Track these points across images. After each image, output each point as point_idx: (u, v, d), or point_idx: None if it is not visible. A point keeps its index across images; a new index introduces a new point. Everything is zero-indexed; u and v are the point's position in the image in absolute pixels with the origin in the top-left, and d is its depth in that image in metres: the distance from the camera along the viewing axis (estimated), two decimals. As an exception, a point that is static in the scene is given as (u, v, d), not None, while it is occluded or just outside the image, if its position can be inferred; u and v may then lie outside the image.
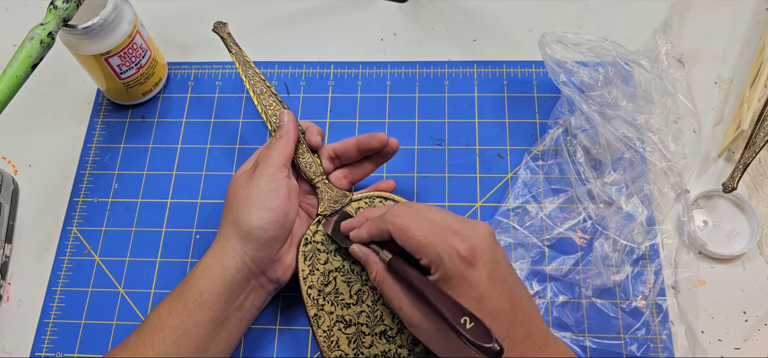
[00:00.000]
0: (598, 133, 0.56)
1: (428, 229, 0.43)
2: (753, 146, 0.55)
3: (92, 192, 0.61)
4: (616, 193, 0.55)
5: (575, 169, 0.57)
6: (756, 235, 0.54)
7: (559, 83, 0.57)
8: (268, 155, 0.50)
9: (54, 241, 0.59)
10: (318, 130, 0.54)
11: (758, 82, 0.58)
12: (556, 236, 0.55)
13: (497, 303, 0.41)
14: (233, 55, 0.57)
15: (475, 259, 0.41)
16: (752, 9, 0.67)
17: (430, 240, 0.42)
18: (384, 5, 0.70)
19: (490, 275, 0.41)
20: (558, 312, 0.53)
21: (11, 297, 0.57)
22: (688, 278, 0.54)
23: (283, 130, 0.52)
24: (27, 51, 0.50)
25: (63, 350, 0.54)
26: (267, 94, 0.55)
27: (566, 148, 0.58)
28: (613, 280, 0.53)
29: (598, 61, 0.59)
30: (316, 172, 0.53)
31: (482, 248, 0.42)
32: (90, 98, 0.66)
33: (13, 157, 0.64)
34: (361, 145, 0.52)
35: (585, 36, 0.58)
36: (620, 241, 0.54)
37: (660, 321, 0.52)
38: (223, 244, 0.48)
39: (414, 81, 0.65)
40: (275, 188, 0.48)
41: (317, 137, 0.53)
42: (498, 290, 0.41)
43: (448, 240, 0.42)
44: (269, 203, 0.48)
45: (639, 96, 0.58)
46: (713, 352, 0.51)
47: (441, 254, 0.41)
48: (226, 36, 0.57)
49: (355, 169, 0.54)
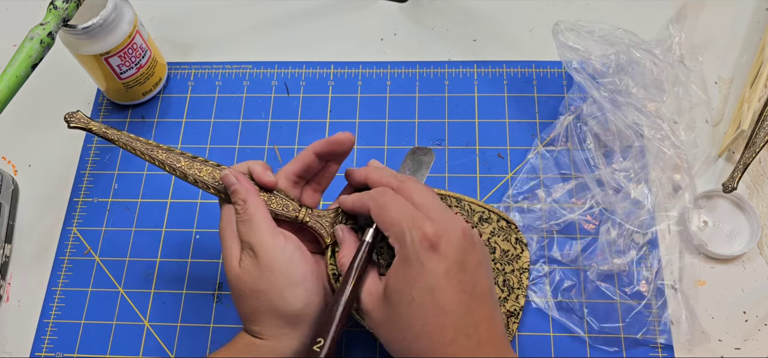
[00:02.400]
0: (609, 121, 0.56)
1: (404, 210, 0.41)
2: (753, 146, 0.55)
3: (92, 192, 0.61)
4: (625, 180, 0.56)
5: (585, 156, 0.57)
6: (756, 235, 0.54)
7: (571, 70, 0.58)
8: (251, 228, 0.44)
9: (54, 241, 0.59)
10: (263, 165, 0.47)
11: (758, 82, 0.58)
12: (564, 221, 0.56)
13: (448, 303, 0.38)
14: (123, 143, 0.48)
15: (438, 246, 0.39)
16: (752, 9, 0.67)
17: (400, 219, 0.41)
18: (384, 5, 0.70)
19: (448, 270, 0.39)
20: (564, 296, 0.53)
21: (11, 297, 0.57)
22: (688, 278, 0.54)
23: (241, 191, 0.45)
24: (27, 51, 0.50)
25: (63, 350, 0.54)
26: (189, 162, 0.48)
27: (576, 135, 0.58)
28: (618, 265, 0.53)
29: (610, 48, 0.59)
30: (295, 209, 0.47)
31: (450, 239, 0.39)
32: (90, 98, 0.66)
33: (13, 157, 0.64)
34: (322, 153, 0.47)
35: (597, 24, 0.58)
36: (627, 227, 0.54)
37: (659, 306, 0.52)
38: (273, 341, 0.44)
39: (414, 81, 0.65)
40: (290, 256, 0.44)
41: (268, 174, 0.47)
42: (453, 289, 0.38)
43: (418, 221, 0.40)
44: (297, 275, 0.44)
45: (650, 84, 0.58)
46: (713, 352, 0.51)
47: (405, 231, 0.40)
48: (95, 127, 0.48)
49: (321, 178, 0.50)
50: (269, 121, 0.63)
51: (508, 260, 0.52)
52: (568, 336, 0.52)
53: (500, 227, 0.53)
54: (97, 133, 0.48)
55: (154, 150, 0.48)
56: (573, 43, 0.58)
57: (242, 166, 0.48)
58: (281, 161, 0.61)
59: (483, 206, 0.53)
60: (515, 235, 0.54)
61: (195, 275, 0.57)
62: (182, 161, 0.48)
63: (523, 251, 0.53)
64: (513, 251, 0.53)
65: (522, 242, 0.53)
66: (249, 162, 0.48)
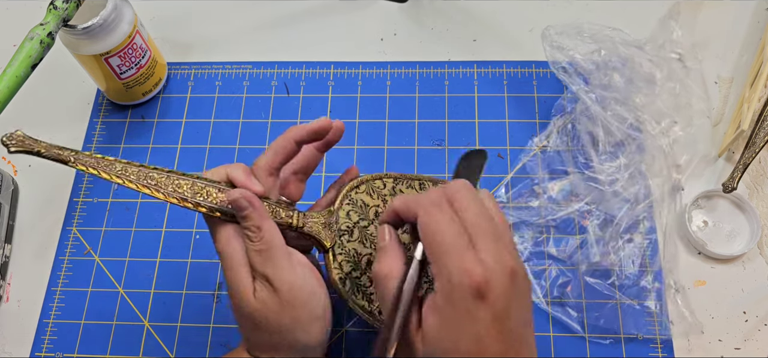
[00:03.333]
0: (600, 118, 0.56)
1: (454, 238, 0.36)
2: (753, 146, 0.55)
3: (92, 192, 0.61)
4: (620, 177, 0.56)
5: (578, 154, 0.58)
6: (756, 235, 0.54)
7: (559, 71, 0.58)
8: (269, 259, 0.40)
9: (54, 241, 0.59)
10: (245, 170, 0.43)
11: (758, 82, 0.58)
12: (559, 218, 0.56)
13: (493, 352, 0.36)
14: (113, 175, 0.42)
15: (487, 296, 0.35)
16: (752, 9, 0.67)
17: (449, 249, 0.36)
18: (384, 5, 0.70)
19: (495, 317, 0.35)
20: (559, 292, 0.53)
21: (11, 297, 0.57)
22: (688, 278, 0.54)
23: (255, 217, 0.41)
24: (27, 51, 0.50)
25: (63, 350, 0.54)
26: (189, 184, 0.42)
27: (571, 134, 0.59)
28: (612, 261, 0.53)
29: (597, 46, 0.59)
30: (288, 215, 0.43)
31: (498, 286, 0.36)
32: (90, 98, 0.66)
33: (13, 157, 0.64)
34: (304, 142, 0.44)
35: (587, 24, 0.59)
36: (622, 224, 0.54)
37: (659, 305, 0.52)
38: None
39: (414, 81, 0.65)
40: (311, 289, 0.41)
41: (253, 181, 0.43)
42: (497, 338, 0.36)
43: (467, 263, 0.35)
44: (319, 308, 0.42)
45: (638, 78, 0.58)
46: (713, 352, 0.51)
47: (453, 272, 0.35)
48: (44, 149, 0.42)
49: (306, 166, 0.46)
50: (269, 121, 0.63)
51: None
52: (568, 336, 0.52)
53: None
54: (47, 155, 0.41)
55: (126, 170, 0.42)
56: (560, 43, 0.58)
57: (219, 172, 0.43)
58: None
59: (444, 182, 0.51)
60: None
61: (195, 275, 0.57)
62: (165, 181, 0.42)
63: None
64: None
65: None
66: (227, 168, 0.43)
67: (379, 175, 0.48)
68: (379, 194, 0.48)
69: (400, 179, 0.49)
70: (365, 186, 0.48)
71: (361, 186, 0.47)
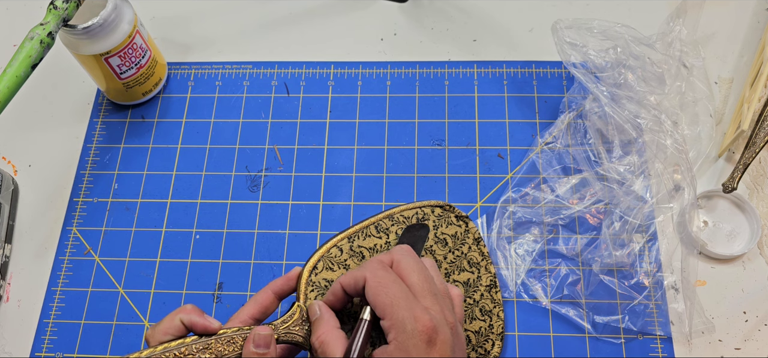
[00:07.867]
0: (610, 115, 0.56)
1: (402, 293, 0.40)
2: (753, 146, 0.55)
3: (92, 192, 0.61)
4: (628, 174, 0.56)
5: (587, 151, 0.58)
6: (756, 235, 0.54)
7: (570, 66, 0.58)
8: None
9: (54, 241, 0.59)
10: (198, 312, 0.42)
11: (758, 82, 0.58)
12: (569, 215, 0.56)
13: None
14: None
15: (435, 343, 0.39)
16: (752, 9, 0.67)
17: (399, 303, 0.40)
18: (384, 5, 0.70)
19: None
20: (569, 290, 0.54)
21: (11, 297, 0.57)
22: (688, 278, 0.54)
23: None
24: (27, 51, 0.50)
25: (63, 350, 0.54)
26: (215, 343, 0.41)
27: (578, 131, 0.59)
28: (620, 258, 0.53)
29: (610, 43, 0.59)
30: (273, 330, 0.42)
31: (444, 335, 0.39)
32: (90, 98, 0.66)
33: (13, 157, 0.64)
34: (282, 292, 0.46)
35: (597, 20, 0.58)
36: (630, 220, 0.54)
37: (660, 304, 0.52)
38: None
39: (414, 81, 0.65)
40: None
41: (208, 318, 0.42)
42: None
43: (416, 311, 0.39)
44: None
45: (650, 77, 0.59)
46: (713, 352, 0.51)
47: (406, 321, 0.39)
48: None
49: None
50: (269, 121, 0.64)
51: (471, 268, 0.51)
52: (568, 336, 0.52)
53: (437, 216, 0.52)
54: None
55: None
56: (572, 39, 0.58)
57: (171, 319, 0.42)
58: (281, 162, 0.61)
59: (415, 206, 0.52)
60: (454, 214, 0.53)
61: (195, 275, 0.57)
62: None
63: (468, 224, 0.53)
64: (460, 231, 0.52)
65: (462, 216, 0.53)
66: (179, 314, 0.42)
67: (330, 241, 0.48)
68: (339, 264, 0.47)
69: (354, 235, 0.49)
70: (322, 262, 0.47)
71: (318, 265, 0.47)
